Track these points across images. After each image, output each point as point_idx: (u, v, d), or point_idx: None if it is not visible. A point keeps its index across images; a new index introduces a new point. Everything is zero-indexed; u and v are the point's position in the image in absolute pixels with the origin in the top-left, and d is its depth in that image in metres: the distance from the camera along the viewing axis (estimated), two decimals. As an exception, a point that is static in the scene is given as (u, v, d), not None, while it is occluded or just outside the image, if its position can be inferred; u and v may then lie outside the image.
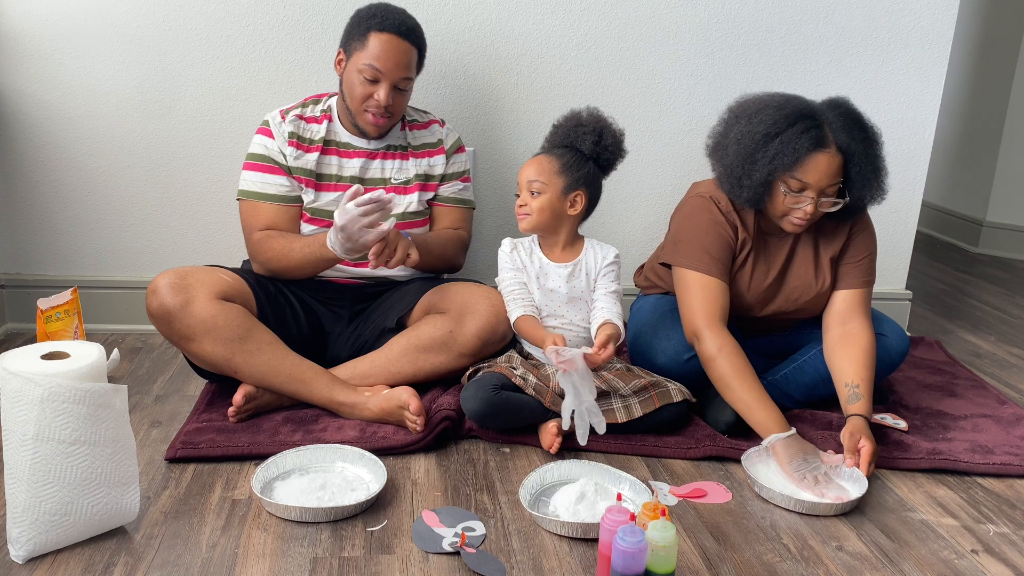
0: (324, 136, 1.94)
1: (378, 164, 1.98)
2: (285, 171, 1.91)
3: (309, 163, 1.92)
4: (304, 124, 1.94)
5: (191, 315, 1.73)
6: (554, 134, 1.90)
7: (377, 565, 1.36)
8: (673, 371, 1.87)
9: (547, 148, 1.89)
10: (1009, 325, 2.84)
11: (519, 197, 1.86)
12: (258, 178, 1.92)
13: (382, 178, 1.98)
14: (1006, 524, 1.58)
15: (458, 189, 2.07)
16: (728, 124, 1.81)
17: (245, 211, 1.94)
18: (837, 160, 1.70)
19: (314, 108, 1.97)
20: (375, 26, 1.84)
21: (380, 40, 1.83)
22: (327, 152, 1.95)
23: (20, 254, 2.33)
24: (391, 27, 1.84)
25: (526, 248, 1.89)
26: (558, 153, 1.85)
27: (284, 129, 1.91)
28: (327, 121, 1.95)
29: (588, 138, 1.84)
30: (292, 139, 1.91)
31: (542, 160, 1.84)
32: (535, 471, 1.61)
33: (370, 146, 1.97)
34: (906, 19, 2.41)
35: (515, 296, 1.84)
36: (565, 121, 1.89)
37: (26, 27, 2.17)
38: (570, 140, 1.85)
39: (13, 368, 1.27)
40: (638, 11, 2.33)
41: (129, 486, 1.38)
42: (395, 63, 1.85)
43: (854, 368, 1.77)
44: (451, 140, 2.06)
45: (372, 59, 1.84)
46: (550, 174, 1.82)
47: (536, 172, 1.83)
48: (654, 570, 1.26)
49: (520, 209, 1.85)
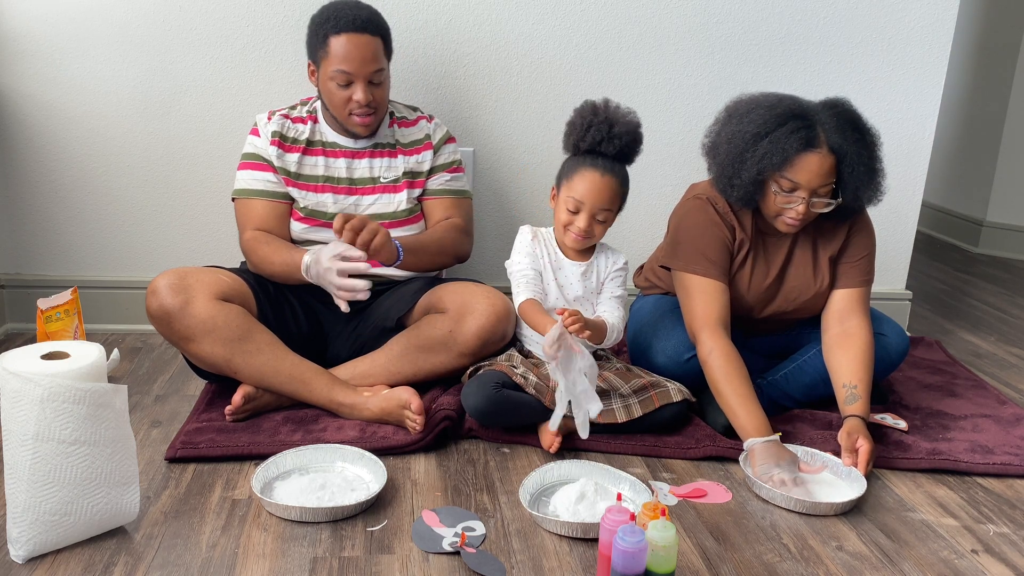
0: (308, 136, 1.94)
1: (366, 163, 1.97)
2: (272, 168, 1.93)
3: (290, 164, 1.93)
4: (289, 124, 1.95)
5: (190, 316, 1.73)
6: (579, 137, 1.78)
7: (377, 565, 1.36)
8: (673, 371, 1.87)
9: (596, 163, 1.76)
10: (1009, 325, 2.84)
11: (576, 216, 1.77)
12: (248, 176, 1.94)
13: (372, 177, 1.97)
14: (1006, 524, 1.58)
15: (446, 180, 2.04)
16: (722, 124, 1.82)
17: (238, 209, 1.96)
18: (829, 160, 1.70)
19: (301, 109, 1.98)
20: (331, 29, 1.83)
21: (340, 42, 1.82)
22: (311, 152, 1.94)
23: (20, 254, 2.33)
24: (347, 26, 1.82)
25: (545, 240, 1.87)
26: (617, 172, 1.77)
27: (268, 128, 1.93)
28: (312, 122, 1.96)
29: (615, 142, 1.76)
30: (275, 138, 1.92)
31: (612, 185, 1.76)
32: (535, 471, 1.61)
33: (357, 145, 1.97)
34: (906, 19, 2.41)
35: (527, 280, 1.81)
36: (591, 124, 1.76)
37: (26, 27, 2.17)
38: (604, 148, 1.77)
39: (13, 368, 1.27)
40: (638, 11, 2.33)
41: (129, 486, 1.38)
42: (361, 60, 1.83)
43: (852, 368, 1.77)
44: (439, 134, 2.04)
45: (339, 64, 1.82)
46: (616, 198, 1.79)
47: (610, 200, 1.77)
48: (654, 570, 1.26)
49: (581, 232, 1.78)
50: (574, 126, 1.80)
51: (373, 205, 1.97)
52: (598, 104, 1.80)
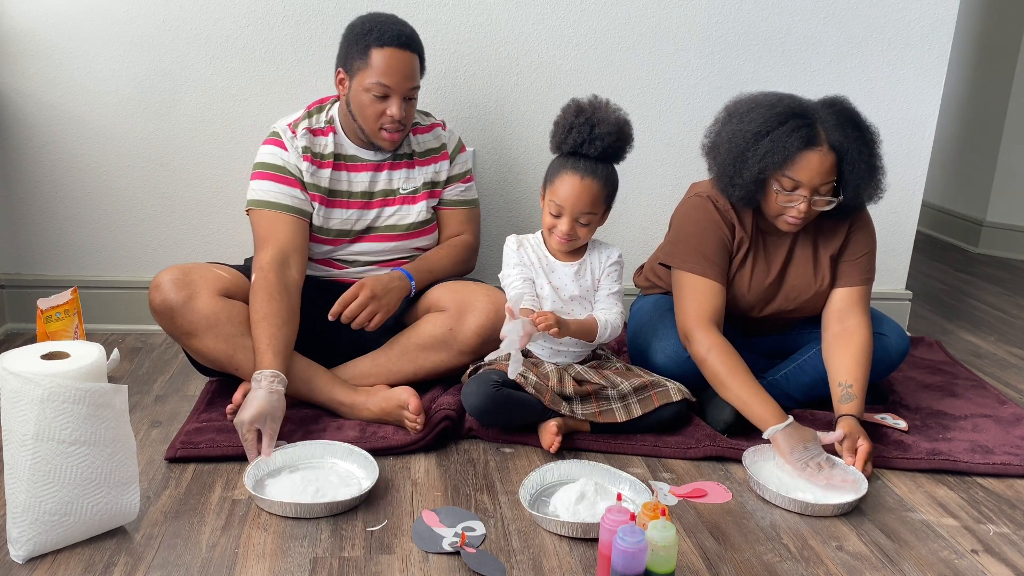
0: (333, 150, 1.91)
1: (385, 175, 1.96)
2: (300, 184, 1.88)
3: (323, 179, 1.89)
4: (313, 137, 1.90)
5: (194, 311, 1.73)
6: (562, 139, 1.78)
7: (377, 565, 1.36)
8: (672, 370, 1.87)
9: (577, 166, 1.74)
10: (1009, 325, 2.84)
11: (558, 220, 1.77)
12: (273, 188, 1.86)
13: (391, 189, 1.96)
14: (1006, 524, 1.58)
15: (461, 191, 2.06)
16: (722, 123, 1.82)
17: (257, 222, 1.86)
18: (830, 159, 1.70)
19: (318, 118, 1.93)
20: (374, 41, 1.80)
21: (383, 55, 1.80)
22: (338, 168, 1.92)
23: (20, 254, 2.33)
24: (391, 40, 1.80)
25: (533, 245, 1.87)
26: (600, 174, 1.75)
27: (298, 144, 1.87)
28: (332, 133, 1.92)
29: (597, 143, 1.74)
30: (307, 154, 1.88)
31: (593, 188, 1.74)
32: (535, 471, 1.61)
33: (376, 157, 1.95)
34: (906, 19, 2.41)
35: (520, 291, 1.82)
36: (572, 126, 1.76)
37: (26, 27, 2.17)
38: (587, 149, 1.75)
39: (13, 368, 1.27)
40: (638, 11, 2.33)
41: (129, 486, 1.38)
42: (402, 76, 1.82)
43: (848, 367, 1.77)
44: (453, 143, 2.05)
45: (379, 76, 1.80)
46: (599, 202, 1.78)
47: (592, 204, 1.76)
48: (654, 570, 1.26)
49: (564, 235, 1.78)
50: (558, 126, 1.79)
51: (392, 216, 1.96)
52: (583, 103, 1.78)
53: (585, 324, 1.79)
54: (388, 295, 1.84)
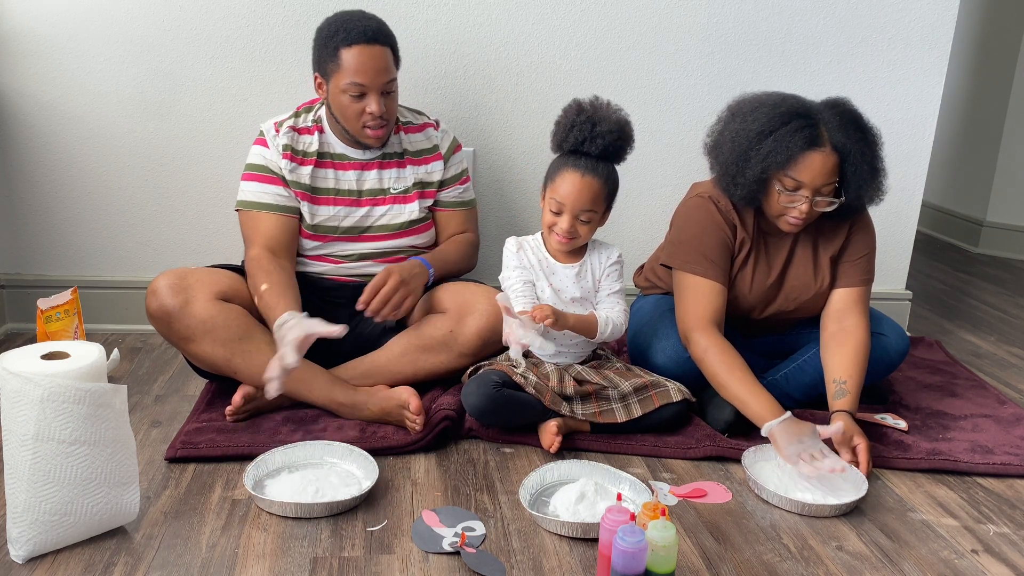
0: (317, 148, 1.92)
1: (375, 175, 1.96)
2: (283, 181, 1.89)
3: (303, 176, 1.90)
4: (297, 136, 1.91)
5: (190, 316, 1.73)
6: (563, 137, 1.78)
7: (377, 565, 1.36)
8: (672, 371, 1.87)
9: (578, 164, 1.75)
10: (1009, 325, 2.84)
11: (559, 217, 1.77)
12: (256, 188, 1.89)
13: (381, 188, 1.96)
14: (1006, 524, 1.58)
15: (459, 192, 2.06)
16: (725, 122, 1.82)
17: (244, 222, 1.91)
18: (832, 159, 1.70)
19: (306, 117, 1.94)
20: (342, 42, 1.80)
21: (352, 54, 1.79)
22: (321, 165, 1.92)
23: (20, 254, 2.33)
24: (358, 37, 1.79)
25: (532, 247, 1.87)
26: (601, 172, 1.75)
27: (279, 141, 1.89)
28: (319, 132, 1.93)
29: (598, 141, 1.74)
30: (287, 151, 1.89)
31: (593, 186, 1.74)
32: (535, 471, 1.61)
33: (365, 156, 1.95)
34: (906, 19, 2.41)
35: (519, 293, 1.82)
36: (573, 124, 1.76)
37: (26, 27, 2.17)
38: (587, 148, 1.75)
39: (13, 368, 1.27)
40: (638, 11, 2.33)
41: (129, 486, 1.38)
42: (375, 72, 1.81)
43: (844, 364, 1.77)
44: (447, 143, 2.04)
45: (352, 76, 1.80)
46: (599, 200, 1.77)
47: (592, 202, 1.76)
48: (654, 570, 1.26)
49: (564, 233, 1.77)
50: (559, 125, 1.79)
51: (384, 216, 1.96)
52: (584, 103, 1.78)
53: (585, 319, 1.79)
54: (414, 279, 1.85)
